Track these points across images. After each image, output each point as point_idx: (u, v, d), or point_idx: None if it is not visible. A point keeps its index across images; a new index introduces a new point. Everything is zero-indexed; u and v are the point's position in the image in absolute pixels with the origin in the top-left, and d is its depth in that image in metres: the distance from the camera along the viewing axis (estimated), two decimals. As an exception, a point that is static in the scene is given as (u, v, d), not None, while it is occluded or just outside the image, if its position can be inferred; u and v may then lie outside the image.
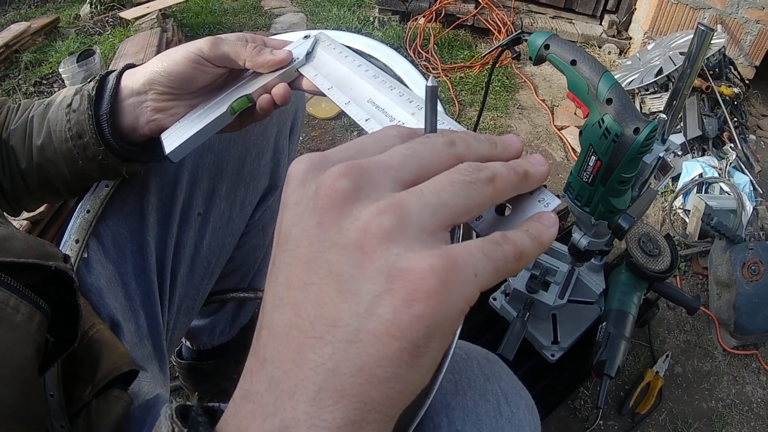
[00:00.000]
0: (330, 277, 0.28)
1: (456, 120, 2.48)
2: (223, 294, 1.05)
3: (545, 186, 0.38)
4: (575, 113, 2.69)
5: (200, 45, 0.63)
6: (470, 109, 2.69)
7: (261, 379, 0.29)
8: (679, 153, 2.31)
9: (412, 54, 3.05)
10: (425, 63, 3.00)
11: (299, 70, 0.66)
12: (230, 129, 0.68)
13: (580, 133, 0.95)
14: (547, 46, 0.95)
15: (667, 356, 1.61)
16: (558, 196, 0.37)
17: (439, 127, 0.38)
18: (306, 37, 0.69)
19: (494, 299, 1.42)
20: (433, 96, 0.38)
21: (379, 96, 0.55)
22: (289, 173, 0.33)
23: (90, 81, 0.66)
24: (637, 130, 0.86)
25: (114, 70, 0.67)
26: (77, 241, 0.73)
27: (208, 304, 1.01)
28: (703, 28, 1.02)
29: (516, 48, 1.04)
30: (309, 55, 0.66)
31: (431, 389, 0.41)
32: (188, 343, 1.23)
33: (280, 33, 0.78)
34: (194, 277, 0.87)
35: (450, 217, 0.30)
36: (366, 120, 0.53)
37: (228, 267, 0.99)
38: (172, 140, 0.65)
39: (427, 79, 0.38)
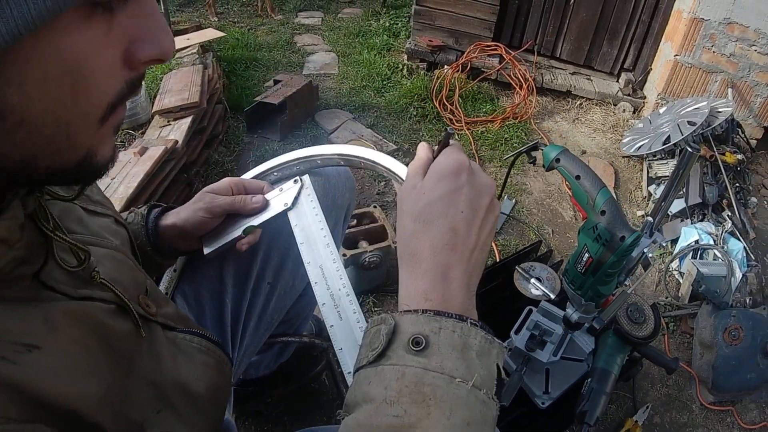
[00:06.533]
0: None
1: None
2: (274, 338, 1.26)
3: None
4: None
5: (201, 207, 0.90)
6: (489, 165, 2.84)
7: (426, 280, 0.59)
8: (665, 243, 2.48)
9: (438, 106, 3.21)
10: (449, 115, 3.16)
11: (288, 214, 0.93)
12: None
13: (579, 232, 1.15)
14: (558, 159, 1.16)
15: (647, 407, 1.79)
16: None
17: None
18: (295, 181, 0.96)
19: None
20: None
21: (327, 263, 0.83)
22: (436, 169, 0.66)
23: (141, 207, 0.95)
24: (623, 238, 1.06)
25: (157, 206, 0.96)
26: (166, 293, 0.96)
27: (259, 345, 1.22)
28: (690, 150, 1.18)
29: (532, 154, 1.26)
30: (296, 199, 0.94)
31: None
32: (235, 373, 1.44)
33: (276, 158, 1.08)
34: (260, 330, 1.08)
35: None
36: (315, 283, 0.82)
37: (282, 318, 1.20)
38: (209, 244, 0.93)
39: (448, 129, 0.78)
